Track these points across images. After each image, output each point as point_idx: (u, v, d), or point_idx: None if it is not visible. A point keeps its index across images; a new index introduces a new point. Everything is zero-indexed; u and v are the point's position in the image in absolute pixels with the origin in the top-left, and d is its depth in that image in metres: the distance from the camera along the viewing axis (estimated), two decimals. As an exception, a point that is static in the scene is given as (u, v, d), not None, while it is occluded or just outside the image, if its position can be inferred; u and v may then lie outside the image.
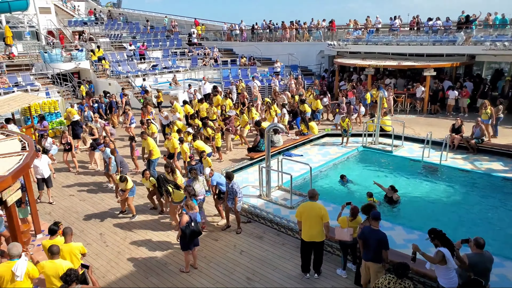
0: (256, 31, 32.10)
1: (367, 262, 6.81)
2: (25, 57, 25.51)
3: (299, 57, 27.31)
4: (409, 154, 14.50)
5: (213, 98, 19.23)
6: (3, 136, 9.61)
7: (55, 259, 6.17)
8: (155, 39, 32.03)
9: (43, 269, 6.11)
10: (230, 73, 26.09)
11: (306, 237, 7.54)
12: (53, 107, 18.18)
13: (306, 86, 22.95)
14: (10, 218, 7.59)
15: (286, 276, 7.85)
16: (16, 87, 20.28)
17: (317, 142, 16.13)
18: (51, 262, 6.12)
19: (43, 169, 11.15)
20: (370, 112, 17.46)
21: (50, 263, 6.12)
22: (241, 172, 13.13)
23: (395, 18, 25.87)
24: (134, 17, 40.10)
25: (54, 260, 6.15)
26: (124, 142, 16.47)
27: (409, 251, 7.75)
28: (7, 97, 16.25)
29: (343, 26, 28.77)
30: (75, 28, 33.96)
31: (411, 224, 9.54)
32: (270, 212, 10.10)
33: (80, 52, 24.69)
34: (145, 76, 25.16)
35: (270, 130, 11.02)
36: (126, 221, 10.36)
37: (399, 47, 22.77)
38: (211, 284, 7.70)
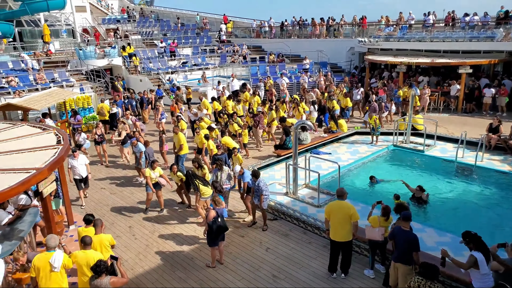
0: (286, 27, 31.92)
1: (396, 263, 6.66)
2: (62, 54, 26.37)
3: (328, 54, 26.96)
4: (442, 154, 14.05)
5: (241, 95, 19.28)
6: (40, 130, 9.96)
7: (87, 250, 6.35)
8: (186, 37, 32.41)
9: (76, 258, 6.29)
10: (259, 70, 26.09)
11: (334, 236, 7.44)
12: (87, 102, 18.71)
13: (336, 83, 22.64)
14: (46, 209, 7.87)
15: (312, 275, 7.77)
16: (53, 83, 21.00)
17: (346, 140, 15.89)
18: (83, 252, 6.31)
19: (81, 169, 11.04)
20: (402, 111, 17.05)
21: (83, 253, 6.30)
22: (268, 169, 13.11)
23: (429, 14, 25.08)
24: (165, 14, 40.72)
25: (86, 250, 6.34)
26: (153, 137, 16.76)
27: (440, 254, 7.54)
28: (44, 93, 16.87)
29: (375, 22, 28.18)
30: (109, 25, 34.83)
31: (443, 226, 9.24)
32: (297, 210, 10.03)
33: (113, 49, 25.31)
34: (174, 72, 25.52)
35: (298, 127, 10.93)
36: (154, 215, 10.55)
37: (433, 43, 22.10)
38: (236, 280, 7.73)
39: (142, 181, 12.65)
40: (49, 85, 20.45)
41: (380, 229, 7.33)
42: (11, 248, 6.69)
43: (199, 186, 9.60)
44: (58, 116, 17.88)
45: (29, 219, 7.71)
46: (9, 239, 6.86)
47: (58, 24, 31.09)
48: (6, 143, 8.78)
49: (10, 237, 6.90)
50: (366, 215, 8.27)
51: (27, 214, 7.88)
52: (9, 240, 6.83)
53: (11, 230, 7.25)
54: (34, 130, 9.99)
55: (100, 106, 17.42)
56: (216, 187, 9.08)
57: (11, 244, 6.71)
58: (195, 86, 23.75)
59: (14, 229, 7.28)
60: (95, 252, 6.41)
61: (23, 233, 7.18)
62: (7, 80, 19.93)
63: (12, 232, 7.15)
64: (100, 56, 24.58)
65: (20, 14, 28.35)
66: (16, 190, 6.37)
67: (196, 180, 9.68)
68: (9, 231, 7.20)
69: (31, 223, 7.68)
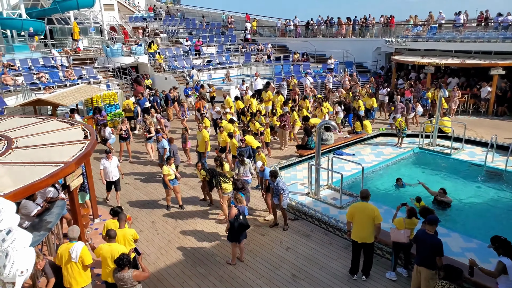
0: (311, 26, 31.69)
1: (419, 266, 6.53)
2: (90, 51, 26.98)
3: (354, 54, 26.62)
4: (470, 158, 13.65)
5: (264, 94, 19.26)
6: (68, 125, 10.23)
7: (112, 243, 6.49)
8: (210, 35, 32.63)
9: (101, 251, 6.46)
10: (283, 69, 26.00)
11: (356, 238, 7.37)
12: (113, 99, 19.08)
13: (361, 83, 22.34)
14: (72, 202, 8.07)
15: (333, 276, 7.70)
16: (81, 79, 21.50)
17: (370, 142, 15.65)
18: (108, 245, 6.46)
19: (113, 171, 10.74)
20: (429, 112, 16.67)
21: (107, 246, 6.46)
22: (290, 169, 13.06)
23: (460, 14, 24.40)
24: (191, 13, 41.08)
25: (111, 243, 6.48)
26: (177, 135, 16.95)
27: (466, 260, 7.34)
28: (72, 89, 17.32)
29: (403, 22, 27.63)
30: (135, 24, 35.42)
31: (469, 232, 8.99)
32: (319, 211, 9.95)
33: (139, 47, 25.71)
34: (199, 71, 25.72)
35: (322, 127, 10.83)
36: (176, 211, 10.67)
37: (463, 44, 21.45)
38: (256, 278, 7.74)
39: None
40: (77, 81, 20.95)
41: (406, 231, 7.21)
42: (40, 238, 6.90)
43: (221, 183, 9.65)
44: (85, 112, 18.31)
45: (56, 211, 7.92)
46: (38, 230, 7.07)
47: (87, 22, 31.83)
48: (37, 137, 9.06)
49: (38, 228, 7.11)
50: (389, 218, 8.15)
51: (54, 206, 8.10)
52: (38, 231, 7.03)
53: (39, 221, 7.47)
54: (62, 125, 10.27)
55: (125, 103, 17.74)
56: (236, 185, 9.10)
57: (40, 234, 6.91)
58: (219, 84, 23.89)
59: (43, 221, 7.50)
60: (119, 245, 6.55)
61: (51, 225, 7.39)
62: (38, 76, 20.53)
63: (40, 223, 7.37)
64: (126, 53, 25.01)
65: (51, 12, 29.18)
66: (46, 183, 6.57)
67: (219, 177, 9.73)
68: (38, 222, 7.42)
69: (59, 215, 7.89)
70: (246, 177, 10.33)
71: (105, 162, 10.66)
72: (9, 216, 2.91)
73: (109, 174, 10.70)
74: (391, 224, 7.73)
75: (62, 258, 6.27)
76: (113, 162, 10.75)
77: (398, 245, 7.40)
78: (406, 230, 7.23)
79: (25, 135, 9.16)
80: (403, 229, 7.25)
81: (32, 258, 2.44)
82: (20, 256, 2.38)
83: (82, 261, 6.27)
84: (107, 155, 10.64)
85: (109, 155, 10.66)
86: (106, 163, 10.66)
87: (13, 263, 2.32)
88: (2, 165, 7.14)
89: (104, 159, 10.70)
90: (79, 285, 6.32)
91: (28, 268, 2.36)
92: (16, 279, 2.28)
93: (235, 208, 7.97)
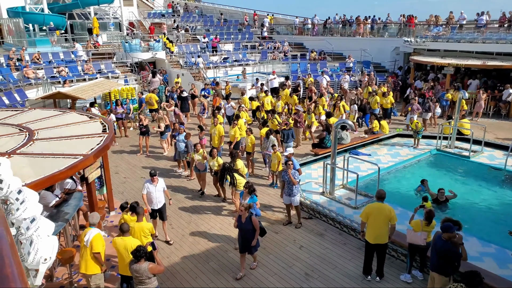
0: (329, 25, 31.47)
1: (432, 272, 6.45)
2: (108, 46, 27.32)
3: (372, 53, 26.35)
4: (489, 161, 13.39)
5: (281, 92, 19.22)
6: (87, 118, 10.39)
7: (125, 236, 6.61)
8: (228, 32, 32.69)
9: (115, 244, 6.62)
10: (299, 67, 25.90)
11: (371, 239, 7.31)
12: (130, 93, 19.30)
13: (378, 83, 22.11)
14: (90, 194, 8.22)
15: (346, 276, 7.66)
16: (99, 73, 21.80)
17: (387, 142, 15.48)
18: (122, 239, 6.60)
19: (158, 197, 8.77)
20: (448, 114, 16.41)
21: (121, 240, 6.60)
22: (304, 168, 12.98)
23: (482, 14, 23.92)
24: (208, 10, 41.22)
25: (124, 237, 6.60)
26: (194, 131, 17.04)
27: (483, 265, 7.25)
28: (91, 83, 17.59)
29: (422, 22, 27.22)
30: (154, 20, 35.70)
31: (487, 236, 8.83)
32: (333, 211, 9.90)
33: (157, 43, 25.93)
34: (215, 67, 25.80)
35: (338, 126, 10.77)
36: (191, 205, 10.75)
37: (485, 45, 21.04)
38: (269, 276, 7.75)
39: (182, 172, 12.94)
40: (96, 75, 21.25)
41: (423, 234, 7.12)
42: (58, 229, 7.03)
43: (234, 179, 9.67)
44: (103, 106, 18.56)
45: (74, 203, 8.07)
46: (56, 220, 7.21)
47: (107, 17, 32.21)
48: (56, 129, 9.23)
49: (56, 219, 7.25)
50: (404, 219, 8.07)
51: (72, 198, 8.25)
52: (56, 222, 7.17)
53: (57, 212, 7.62)
54: (81, 118, 10.44)
55: (148, 96, 17.90)
56: (249, 188, 8.69)
57: (58, 225, 7.04)
58: (235, 82, 23.94)
59: (60, 212, 7.65)
60: (132, 239, 6.67)
61: (69, 216, 7.54)
62: (58, 70, 20.90)
63: (58, 214, 7.52)
64: (144, 49, 25.25)
65: (72, 7, 29.63)
66: (65, 174, 6.71)
67: (232, 173, 9.75)
68: (56, 213, 7.57)
69: (76, 206, 8.04)
70: (268, 152, 11.93)
71: (149, 186, 8.72)
72: (33, 205, 2.99)
73: (154, 200, 8.75)
74: (407, 225, 7.65)
75: (81, 241, 6.63)
76: (159, 186, 8.81)
77: (414, 247, 7.32)
78: (423, 233, 7.13)
79: (45, 127, 9.35)
80: (420, 231, 7.16)
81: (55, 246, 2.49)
82: (44, 243, 2.44)
83: (91, 247, 6.45)
84: (152, 178, 8.73)
85: (154, 178, 8.71)
86: (150, 187, 8.72)
87: (37, 250, 2.38)
88: (24, 156, 7.30)
89: (147, 182, 8.79)
90: (87, 271, 6.57)
91: (51, 256, 2.42)
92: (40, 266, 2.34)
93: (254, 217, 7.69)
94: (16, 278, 1.26)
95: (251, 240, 7.57)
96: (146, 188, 8.72)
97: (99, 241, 6.58)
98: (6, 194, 3.21)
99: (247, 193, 8.67)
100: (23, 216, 2.88)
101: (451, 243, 6.29)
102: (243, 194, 8.83)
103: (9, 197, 3.15)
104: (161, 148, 14.99)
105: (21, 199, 3.07)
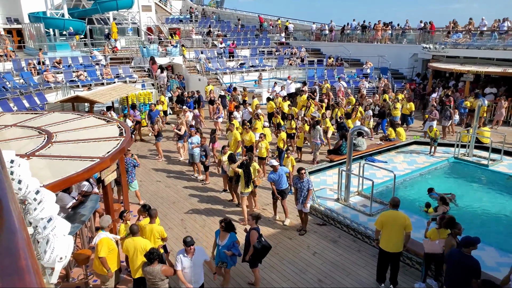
0: (347, 31, 31.36)
1: None
2: (127, 51, 27.79)
3: (390, 60, 26.14)
4: (509, 170, 13.09)
5: (299, 97, 19.20)
6: (104, 122, 10.56)
7: (135, 237, 6.72)
8: (245, 38, 32.88)
9: (126, 246, 6.70)
10: (316, 73, 25.85)
11: (386, 247, 7.21)
12: (148, 98, 19.55)
13: (395, 90, 21.89)
14: (106, 196, 8.33)
15: (359, 283, 7.58)
16: (117, 78, 22.18)
17: (403, 150, 15.29)
18: (132, 240, 6.68)
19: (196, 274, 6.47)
20: (466, 122, 16.10)
21: (131, 240, 6.68)
22: (319, 174, 12.94)
23: (504, 21, 23.51)
24: (226, 15, 41.57)
25: (134, 238, 6.71)
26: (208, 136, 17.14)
27: (500, 275, 7.08)
28: (109, 87, 17.89)
29: (442, 28, 26.89)
30: (171, 25, 36.17)
31: (506, 246, 8.62)
32: (348, 217, 9.81)
33: (174, 48, 26.26)
34: (232, 73, 25.94)
35: (354, 132, 10.69)
36: (204, 209, 10.80)
37: (506, 52, 20.63)
38: (282, 281, 7.72)
39: (197, 177, 13.00)
40: (114, 80, 21.62)
41: (440, 241, 7.00)
42: (74, 230, 7.15)
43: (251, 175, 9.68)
44: (120, 110, 18.84)
45: (90, 205, 8.19)
46: (72, 222, 7.32)
47: (125, 22, 32.79)
48: (75, 132, 9.41)
49: (73, 220, 7.37)
50: (419, 227, 7.95)
51: (89, 200, 8.38)
52: (72, 223, 7.29)
53: (74, 214, 7.75)
54: (99, 121, 10.61)
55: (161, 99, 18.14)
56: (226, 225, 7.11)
57: (74, 226, 7.16)
58: (251, 87, 24.03)
59: (77, 213, 7.77)
60: (142, 239, 6.76)
61: (85, 218, 7.65)
62: (77, 74, 21.34)
63: (75, 216, 7.64)
64: (162, 54, 25.60)
65: (92, 12, 30.27)
66: (82, 177, 6.81)
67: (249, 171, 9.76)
68: (73, 215, 7.70)
69: (92, 208, 8.16)
70: (315, 141, 13.12)
71: (183, 260, 6.37)
72: (50, 205, 3.06)
73: (190, 277, 6.41)
74: (422, 234, 7.54)
75: None
76: (197, 258, 6.44)
77: (430, 256, 7.19)
78: (440, 240, 7.01)
79: (64, 130, 9.53)
80: (437, 240, 7.04)
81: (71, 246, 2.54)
82: (60, 243, 2.49)
83: (96, 250, 6.60)
84: (186, 249, 6.35)
85: (189, 249, 6.33)
86: (185, 261, 6.37)
87: (53, 249, 2.44)
88: (43, 158, 7.45)
89: (181, 254, 6.43)
90: (97, 271, 6.84)
91: (67, 255, 2.47)
92: (56, 264, 2.39)
93: (254, 231, 7.19)
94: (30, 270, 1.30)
95: (267, 252, 7.42)
96: (180, 261, 6.35)
97: (104, 245, 6.68)
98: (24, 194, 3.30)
99: (223, 231, 7.03)
100: (40, 215, 2.95)
101: (474, 258, 6.11)
102: (219, 234, 7.12)
103: (27, 197, 3.23)
104: (177, 152, 15.11)
105: (39, 199, 3.15)
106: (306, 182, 9.20)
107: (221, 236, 7.09)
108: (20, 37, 30.16)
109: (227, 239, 7.01)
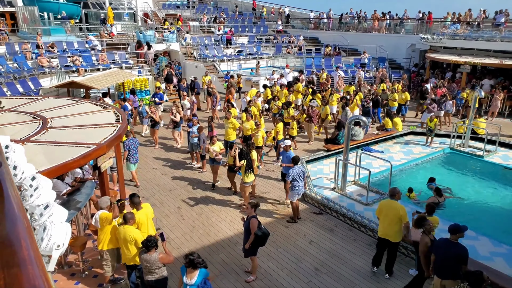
0: (345, 20, 31.13)
1: (443, 280, 6.17)
2: (123, 36, 27.41)
3: (388, 50, 26.02)
4: (503, 161, 13.16)
5: (295, 86, 19.09)
6: (100, 108, 10.45)
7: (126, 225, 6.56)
8: (242, 25, 32.55)
9: (118, 234, 6.64)
10: (313, 62, 25.71)
11: (381, 233, 7.35)
12: (144, 84, 19.37)
13: (392, 80, 21.84)
14: (102, 183, 8.28)
15: (355, 272, 7.63)
16: (113, 64, 21.90)
17: (400, 140, 15.32)
18: (123, 228, 6.53)
19: None
20: (462, 113, 16.13)
21: (122, 229, 6.53)
22: (316, 163, 12.94)
23: (501, 12, 23.39)
24: (224, 2, 41.06)
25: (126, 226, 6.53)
26: (205, 124, 17.05)
27: (494, 265, 7.16)
28: (105, 73, 17.68)
29: (440, 19, 26.75)
30: (168, 11, 35.69)
31: (499, 236, 8.70)
32: (344, 206, 9.84)
33: (171, 34, 25.95)
34: (229, 60, 25.72)
35: (351, 122, 10.66)
36: (201, 197, 10.79)
37: (503, 43, 20.58)
38: (278, 269, 7.75)
39: (194, 164, 12.96)
40: (110, 66, 21.35)
41: None
42: (69, 217, 7.11)
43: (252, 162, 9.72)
44: (116, 96, 18.66)
45: (86, 192, 8.14)
46: (68, 208, 7.27)
47: (121, 7, 32.29)
48: (70, 118, 9.31)
49: (68, 207, 7.32)
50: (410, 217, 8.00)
51: (84, 187, 8.33)
52: (68, 210, 7.24)
53: (69, 201, 7.69)
54: (95, 107, 10.51)
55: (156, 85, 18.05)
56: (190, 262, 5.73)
57: (70, 213, 7.11)
58: (248, 75, 23.86)
59: (72, 200, 7.72)
60: (132, 229, 6.56)
61: (81, 204, 7.61)
62: (72, 59, 21.05)
63: (70, 203, 7.59)
64: (159, 40, 25.29)
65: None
66: (78, 163, 6.75)
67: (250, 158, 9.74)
68: (68, 201, 7.64)
69: (88, 195, 8.10)
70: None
71: None
72: (46, 191, 2.99)
73: None
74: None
75: None
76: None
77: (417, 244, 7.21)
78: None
79: (59, 115, 9.43)
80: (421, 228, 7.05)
81: (68, 233, 2.50)
82: (57, 230, 2.45)
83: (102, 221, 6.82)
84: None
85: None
86: None
87: (50, 236, 2.39)
88: (38, 144, 7.37)
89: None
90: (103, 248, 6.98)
91: (64, 242, 2.43)
92: (53, 252, 2.35)
93: (254, 219, 7.23)
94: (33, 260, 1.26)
95: (266, 240, 7.41)
96: None
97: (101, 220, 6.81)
98: (20, 180, 3.23)
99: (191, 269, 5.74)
100: (37, 202, 2.90)
101: (461, 245, 6.16)
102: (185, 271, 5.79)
103: (23, 183, 3.16)
104: (174, 140, 15.02)
105: (35, 185, 3.08)
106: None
107: (188, 274, 5.73)
108: (13, 20, 29.64)
109: (196, 277, 5.69)
